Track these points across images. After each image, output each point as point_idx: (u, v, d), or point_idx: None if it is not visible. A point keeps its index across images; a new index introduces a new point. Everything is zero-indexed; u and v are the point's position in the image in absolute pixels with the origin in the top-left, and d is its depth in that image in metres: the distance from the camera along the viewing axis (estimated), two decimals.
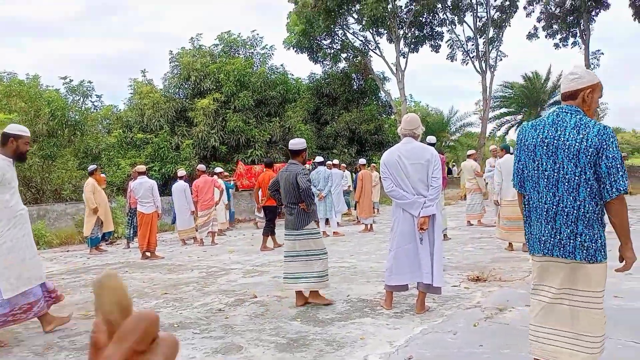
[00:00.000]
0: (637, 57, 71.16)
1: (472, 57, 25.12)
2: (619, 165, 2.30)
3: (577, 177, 2.36)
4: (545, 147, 2.44)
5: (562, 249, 2.43)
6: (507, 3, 24.01)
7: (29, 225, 4.23)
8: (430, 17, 24.65)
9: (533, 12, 24.16)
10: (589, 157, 2.31)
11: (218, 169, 12.87)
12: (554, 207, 2.44)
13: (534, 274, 2.64)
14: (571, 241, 2.40)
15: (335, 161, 14.05)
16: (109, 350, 0.46)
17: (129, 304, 0.48)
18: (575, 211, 2.38)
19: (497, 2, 24.34)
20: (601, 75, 2.75)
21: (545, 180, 2.46)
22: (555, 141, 2.41)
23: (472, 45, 25.06)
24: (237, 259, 8.11)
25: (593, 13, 22.64)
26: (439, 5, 23.83)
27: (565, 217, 2.41)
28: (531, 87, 28.77)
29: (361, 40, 25.29)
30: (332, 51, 25.42)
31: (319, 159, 11.33)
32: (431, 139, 8.34)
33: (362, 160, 12.33)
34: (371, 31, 24.52)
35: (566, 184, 2.39)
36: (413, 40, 24.87)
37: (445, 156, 15.04)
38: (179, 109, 19.19)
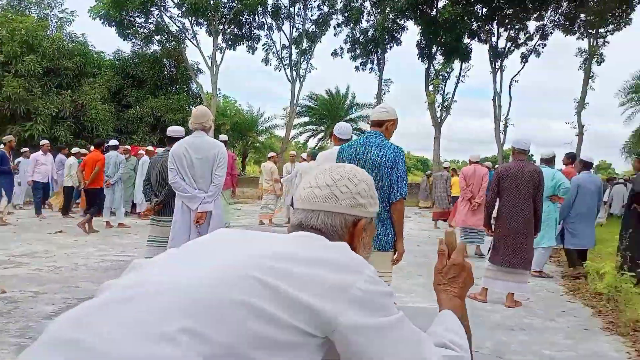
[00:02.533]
0: (417, 91, 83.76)
1: (285, 65, 26.34)
2: (404, 176, 3.10)
3: (375, 184, 2.89)
4: (357, 162, 3.10)
5: None
6: (321, 20, 25.88)
7: None
8: (251, 18, 25.04)
9: (341, 32, 26.50)
10: (386, 168, 3.07)
11: (113, 142, 10.29)
12: None
13: None
14: None
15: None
16: (454, 254, 1.18)
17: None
18: None
19: (314, 16, 26.08)
20: (389, 102, 3.41)
21: None
22: (364, 157, 3.15)
23: (286, 53, 26.29)
24: None
25: (388, 46, 25.87)
26: (260, 8, 24.37)
27: None
28: (332, 102, 31.47)
29: (179, 27, 24.33)
30: (146, 31, 23.81)
31: (112, 142, 10.39)
32: (222, 137, 8.53)
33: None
34: (190, 19, 23.74)
35: None
36: (231, 37, 24.89)
37: (235, 154, 15.49)
38: None
